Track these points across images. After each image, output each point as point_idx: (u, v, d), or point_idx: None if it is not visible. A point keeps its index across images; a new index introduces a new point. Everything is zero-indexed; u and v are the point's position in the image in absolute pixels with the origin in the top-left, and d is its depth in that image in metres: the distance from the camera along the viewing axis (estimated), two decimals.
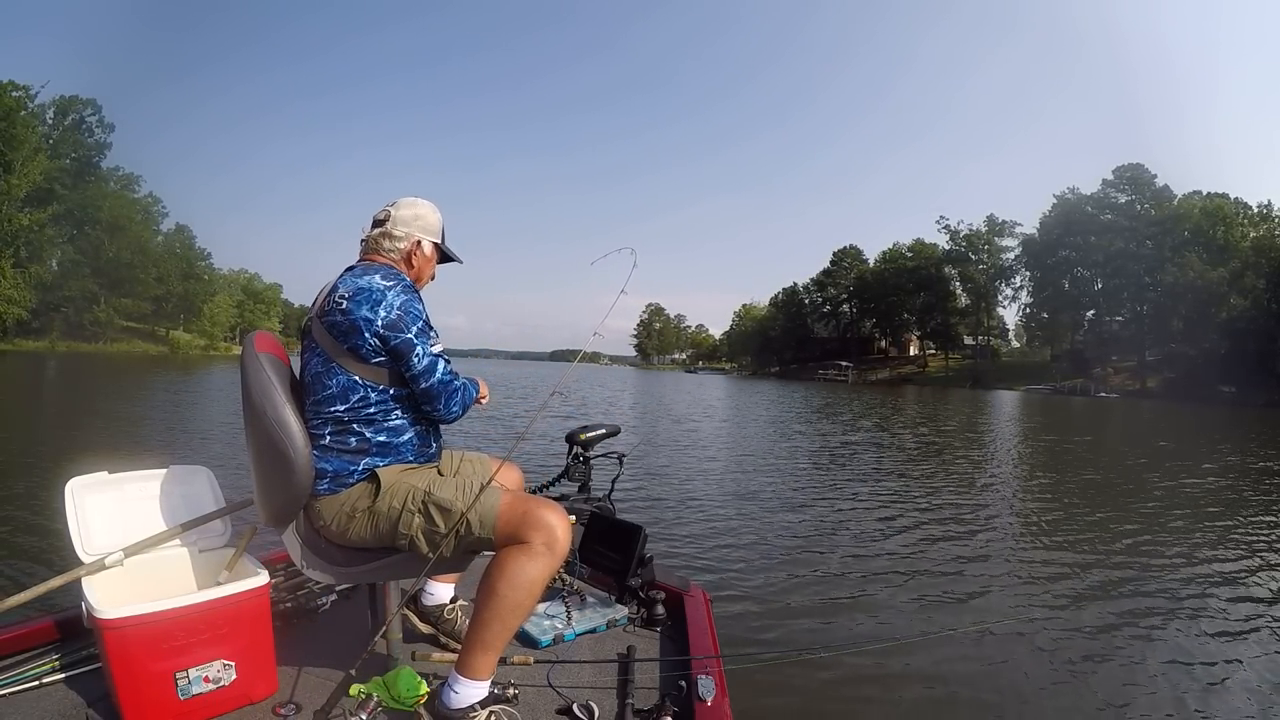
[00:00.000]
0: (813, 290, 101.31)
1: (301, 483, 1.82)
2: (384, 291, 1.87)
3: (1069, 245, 70.34)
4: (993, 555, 5.92)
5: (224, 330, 77.21)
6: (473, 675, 1.78)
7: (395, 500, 1.83)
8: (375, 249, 2.05)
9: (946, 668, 3.62)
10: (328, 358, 1.88)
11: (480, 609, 1.77)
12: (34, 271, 53.65)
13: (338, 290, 1.90)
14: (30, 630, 2.05)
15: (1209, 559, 6.00)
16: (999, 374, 72.59)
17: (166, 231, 72.35)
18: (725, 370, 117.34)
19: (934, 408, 31.04)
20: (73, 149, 61.06)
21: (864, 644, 3.78)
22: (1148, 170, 67.48)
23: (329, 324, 1.88)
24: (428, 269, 2.14)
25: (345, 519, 1.84)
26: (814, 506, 7.78)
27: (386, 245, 2.05)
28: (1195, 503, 8.74)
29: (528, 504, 1.83)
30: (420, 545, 1.81)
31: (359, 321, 1.84)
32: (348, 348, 1.86)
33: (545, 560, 1.76)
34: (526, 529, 1.77)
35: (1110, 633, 4.22)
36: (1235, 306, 52.90)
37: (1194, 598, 4.93)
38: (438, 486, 1.85)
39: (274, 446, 1.80)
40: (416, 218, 2.08)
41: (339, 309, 1.87)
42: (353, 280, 1.91)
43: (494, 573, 1.77)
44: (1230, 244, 58.29)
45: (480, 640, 1.77)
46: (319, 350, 1.91)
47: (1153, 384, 57.83)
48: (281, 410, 1.82)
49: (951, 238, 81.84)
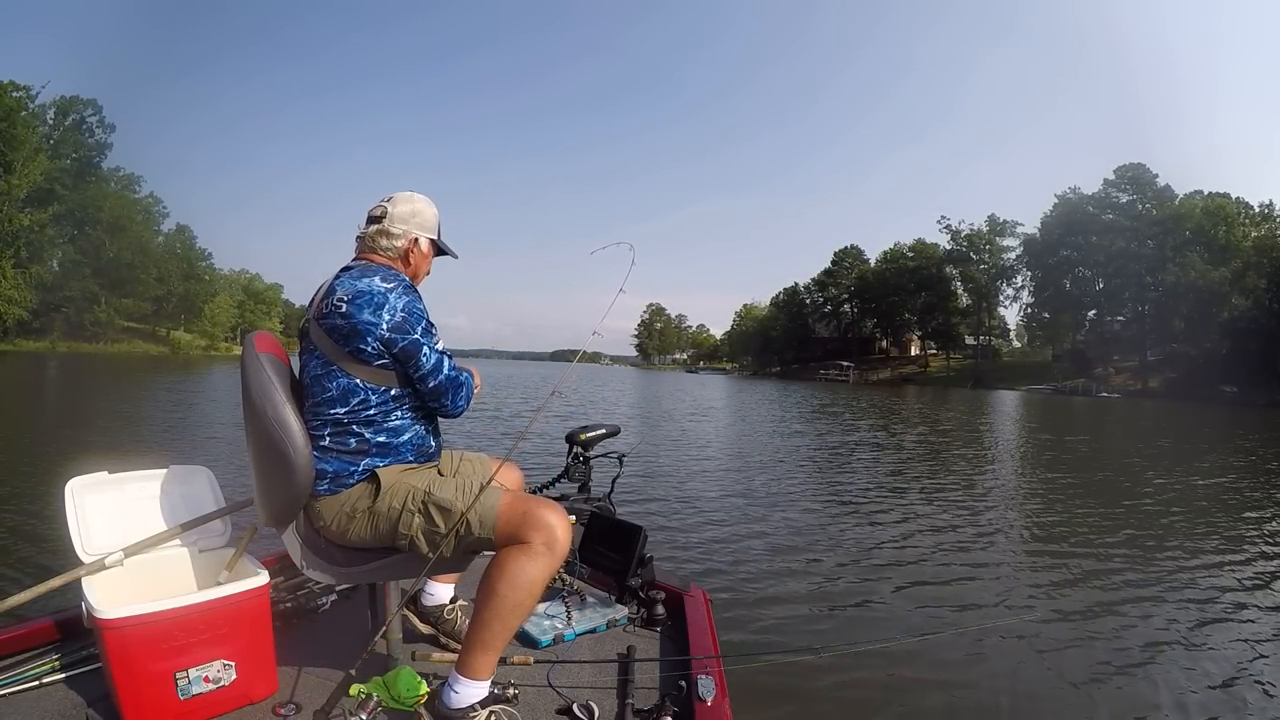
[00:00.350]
0: (814, 290, 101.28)
1: (302, 483, 1.81)
2: (385, 294, 1.85)
3: (1070, 245, 70.27)
4: (994, 555, 5.92)
5: (225, 330, 77.27)
6: (473, 675, 1.78)
7: (395, 501, 1.82)
8: (373, 247, 2.01)
9: (947, 668, 3.61)
10: (327, 360, 1.86)
11: (480, 609, 1.76)
12: (35, 272, 53.74)
13: (335, 292, 1.86)
14: (30, 630, 2.05)
15: (1215, 561, 5.98)
16: (1000, 374, 72.52)
17: (167, 232, 72.58)
18: (726, 370, 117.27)
19: (935, 408, 31.00)
20: (73, 149, 61.13)
21: (864, 644, 3.77)
22: (1149, 170, 67.47)
23: (328, 327, 1.85)
24: (424, 266, 2.12)
25: (345, 519, 1.84)
26: (814, 506, 7.78)
27: (384, 244, 2.00)
28: (1200, 503, 8.73)
29: (528, 504, 1.83)
30: (420, 545, 1.81)
31: (361, 325, 1.82)
32: (349, 350, 1.84)
33: (545, 560, 1.75)
34: (527, 529, 1.77)
35: (1112, 633, 4.22)
36: (1237, 306, 52.84)
37: (1199, 601, 4.91)
38: (438, 486, 1.85)
39: (274, 447, 1.79)
40: (414, 214, 2.04)
41: (338, 312, 1.83)
42: (351, 282, 1.87)
43: (494, 573, 1.76)
44: (1232, 244, 58.19)
45: (480, 640, 1.76)
46: (317, 353, 1.88)
47: (1154, 384, 57.73)
48: (282, 410, 1.81)
49: (953, 237, 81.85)
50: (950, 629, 4.17)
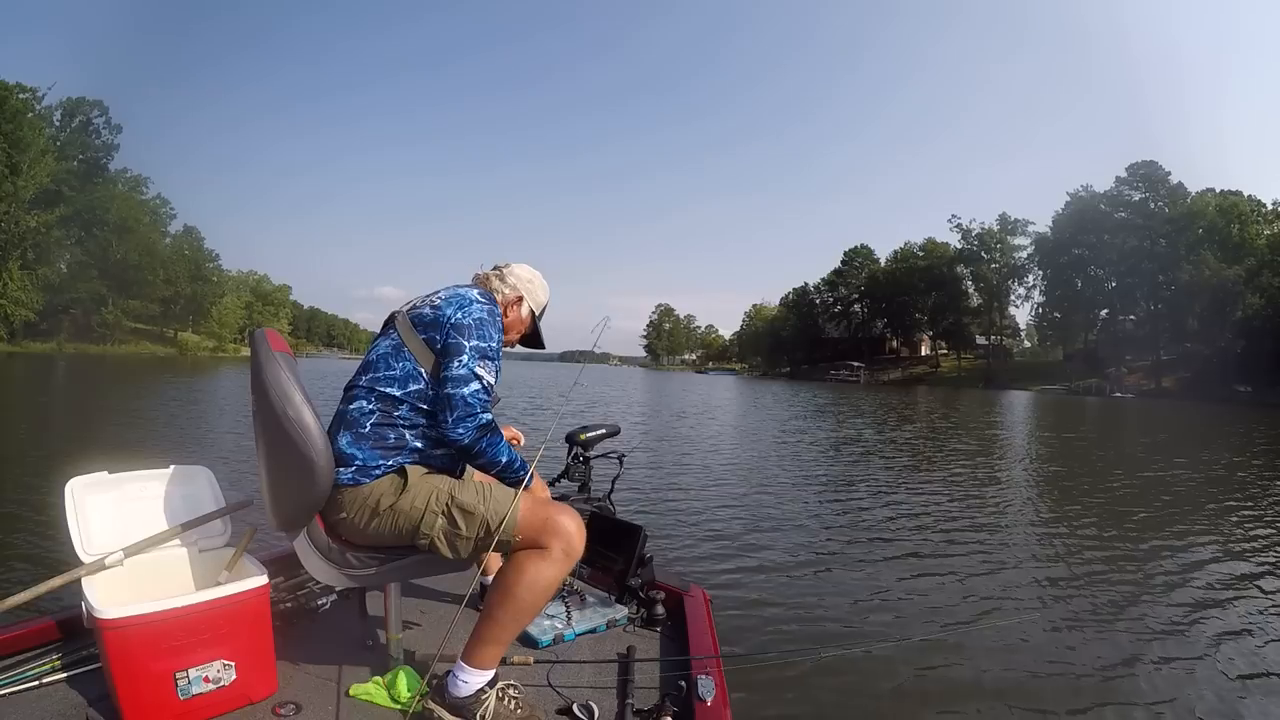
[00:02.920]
0: (824, 290, 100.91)
1: (321, 486, 1.80)
2: (473, 303, 1.97)
3: (1082, 244, 69.70)
4: (996, 556, 5.86)
5: (233, 332, 77.15)
6: (479, 665, 1.81)
7: (419, 500, 1.83)
8: (485, 281, 2.18)
9: (948, 668, 3.59)
10: (400, 344, 1.94)
11: (494, 607, 1.80)
12: (42, 273, 53.74)
13: (438, 293, 2.03)
14: (30, 630, 2.06)
15: (1237, 560, 5.94)
16: (1012, 374, 72.01)
17: (175, 233, 72.43)
18: (736, 371, 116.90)
19: (946, 408, 30.85)
20: (80, 150, 61.18)
21: (864, 644, 3.75)
22: (1161, 167, 66.75)
23: (414, 316, 1.97)
24: (517, 328, 2.23)
25: (368, 514, 1.84)
26: (815, 506, 7.76)
27: (495, 284, 2.17)
28: (1222, 503, 8.64)
29: (548, 510, 1.87)
30: (441, 546, 1.83)
31: (440, 317, 1.92)
32: (424, 338, 1.92)
33: (562, 565, 1.82)
34: (547, 535, 1.81)
35: (1113, 634, 4.18)
36: (1251, 305, 52.30)
37: (1217, 604, 4.84)
38: (460, 489, 1.87)
39: (294, 449, 1.76)
40: (530, 280, 2.24)
41: (430, 304, 1.98)
42: (453, 288, 2.04)
43: (511, 575, 1.80)
44: (1246, 241, 57.67)
45: (491, 635, 1.81)
46: (394, 336, 1.97)
47: (1168, 383, 57.25)
48: (303, 411, 1.78)
49: (963, 236, 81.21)
50: (951, 629, 4.14)
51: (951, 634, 4.02)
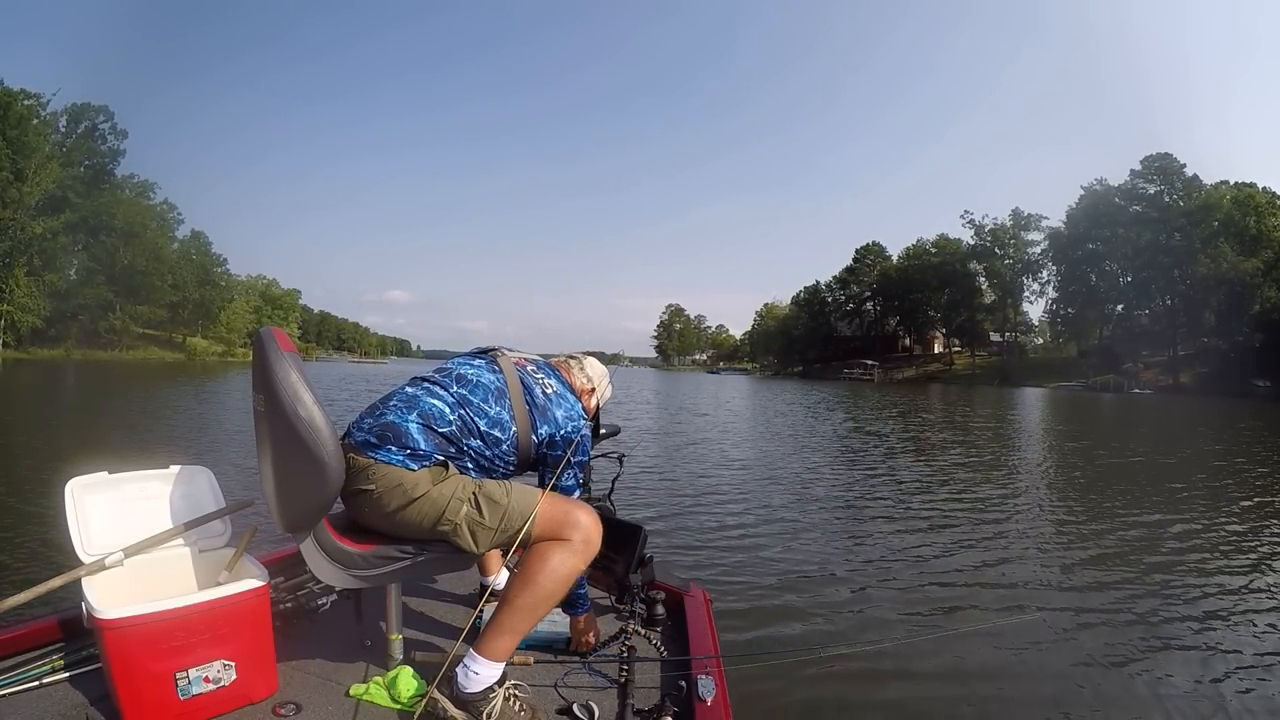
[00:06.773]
0: (835, 288, 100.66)
1: (331, 488, 1.79)
2: (581, 419, 2.16)
3: (1096, 238, 68.91)
4: (998, 557, 5.78)
5: (241, 336, 76.43)
6: (492, 657, 1.80)
7: (447, 488, 1.85)
8: (564, 368, 2.31)
9: (949, 669, 3.56)
10: (504, 391, 2.04)
11: (514, 595, 1.82)
12: (49, 280, 53.71)
13: (549, 381, 2.17)
14: (30, 630, 2.07)
15: (1255, 561, 5.85)
16: (1027, 371, 71.47)
17: (182, 238, 72.47)
18: (748, 371, 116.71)
19: (960, 406, 30.64)
20: (86, 156, 61.20)
21: (865, 644, 3.74)
22: (1176, 160, 65.87)
23: (522, 374, 2.11)
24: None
25: (401, 497, 1.83)
26: (816, 506, 7.71)
27: (575, 373, 2.32)
28: (1237, 502, 8.54)
29: (567, 504, 1.93)
30: (463, 535, 1.84)
31: (550, 411, 2.08)
32: (527, 404, 2.05)
33: (583, 556, 1.87)
34: (567, 528, 1.86)
35: (1114, 634, 4.12)
36: (1269, 298, 51.67)
37: (1228, 606, 4.77)
38: (486, 483, 1.92)
39: (305, 450, 1.73)
40: (602, 377, 2.41)
41: (543, 389, 2.12)
42: (561, 380, 2.22)
43: (535, 563, 1.83)
44: (1263, 234, 56.85)
45: (508, 625, 1.81)
46: (500, 378, 2.07)
47: (1185, 379, 56.58)
48: (315, 411, 1.74)
49: (976, 232, 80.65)
50: (952, 630, 4.11)
51: (954, 634, 4.00)
